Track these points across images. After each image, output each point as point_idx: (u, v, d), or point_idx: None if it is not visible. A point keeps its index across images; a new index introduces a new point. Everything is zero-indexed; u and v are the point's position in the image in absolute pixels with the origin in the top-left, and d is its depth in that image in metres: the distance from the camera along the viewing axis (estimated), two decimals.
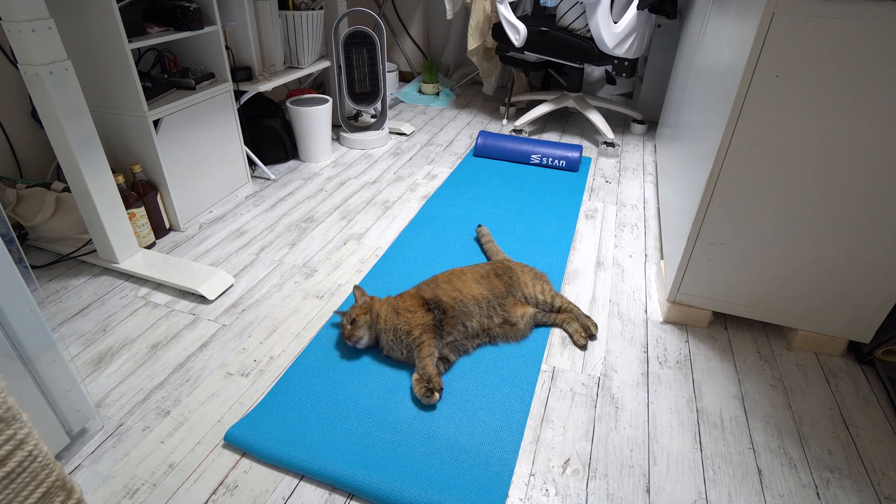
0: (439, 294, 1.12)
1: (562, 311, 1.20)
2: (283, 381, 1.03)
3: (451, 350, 1.08)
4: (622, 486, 0.87)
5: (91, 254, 1.37)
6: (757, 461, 0.91)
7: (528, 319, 1.16)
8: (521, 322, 1.14)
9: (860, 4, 0.81)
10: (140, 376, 1.05)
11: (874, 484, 0.88)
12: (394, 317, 1.07)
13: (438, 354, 1.05)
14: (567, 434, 0.95)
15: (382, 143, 2.20)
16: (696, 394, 1.04)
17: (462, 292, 1.13)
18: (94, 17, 1.26)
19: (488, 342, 1.13)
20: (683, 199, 1.25)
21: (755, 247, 1.07)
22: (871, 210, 0.95)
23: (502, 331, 1.13)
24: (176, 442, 0.92)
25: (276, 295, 1.29)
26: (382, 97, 2.15)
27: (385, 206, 1.71)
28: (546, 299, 1.20)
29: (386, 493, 0.82)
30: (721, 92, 1.07)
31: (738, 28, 1.03)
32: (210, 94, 1.56)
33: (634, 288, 1.34)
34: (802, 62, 0.88)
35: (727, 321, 1.23)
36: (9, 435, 0.55)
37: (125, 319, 1.20)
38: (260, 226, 1.59)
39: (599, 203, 1.75)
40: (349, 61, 2.04)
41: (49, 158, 1.52)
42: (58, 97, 1.10)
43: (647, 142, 2.27)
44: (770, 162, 0.97)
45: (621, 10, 1.97)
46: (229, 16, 1.69)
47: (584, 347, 1.14)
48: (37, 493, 0.59)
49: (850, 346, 1.15)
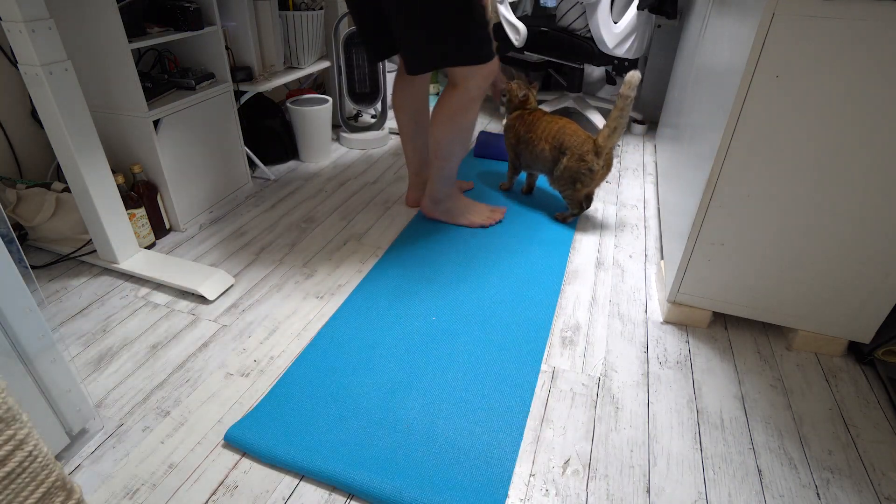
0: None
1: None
2: (283, 382, 1.03)
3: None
4: (622, 486, 0.87)
5: (91, 254, 1.37)
6: (757, 461, 0.91)
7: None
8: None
9: (860, 4, 0.81)
10: (140, 376, 1.05)
11: (874, 484, 0.88)
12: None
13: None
14: (567, 434, 0.95)
15: (382, 144, 2.20)
16: (696, 394, 1.04)
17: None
18: (94, 17, 1.26)
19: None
20: (683, 199, 1.25)
21: (755, 247, 1.07)
22: (872, 210, 0.95)
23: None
24: (176, 442, 0.92)
25: (276, 295, 1.29)
26: (382, 97, 2.15)
27: (385, 206, 1.71)
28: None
29: (386, 493, 0.82)
30: (721, 92, 1.07)
31: (738, 28, 1.03)
32: (210, 94, 1.56)
33: (634, 288, 1.34)
34: (802, 62, 0.88)
35: (727, 321, 1.23)
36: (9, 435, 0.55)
37: (125, 320, 1.20)
38: (260, 226, 1.59)
39: (599, 203, 1.75)
40: (349, 61, 2.04)
41: (49, 158, 1.52)
42: (58, 97, 1.10)
43: (647, 142, 2.27)
44: (770, 162, 0.97)
45: (621, 11, 1.97)
46: (229, 16, 1.69)
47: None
48: (37, 494, 0.59)
49: (851, 347, 1.15)
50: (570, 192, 1.53)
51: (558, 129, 1.50)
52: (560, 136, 1.49)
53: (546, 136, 1.52)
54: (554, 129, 1.51)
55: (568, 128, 1.49)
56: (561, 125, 1.51)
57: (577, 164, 1.46)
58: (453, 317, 1.20)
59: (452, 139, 1.42)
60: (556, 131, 1.50)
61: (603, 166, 1.47)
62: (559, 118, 1.53)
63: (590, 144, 1.46)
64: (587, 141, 1.46)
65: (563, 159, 1.48)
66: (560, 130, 1.50)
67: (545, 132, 1.52)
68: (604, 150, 1.44)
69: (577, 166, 1.47)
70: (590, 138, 1.47)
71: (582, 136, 1.47)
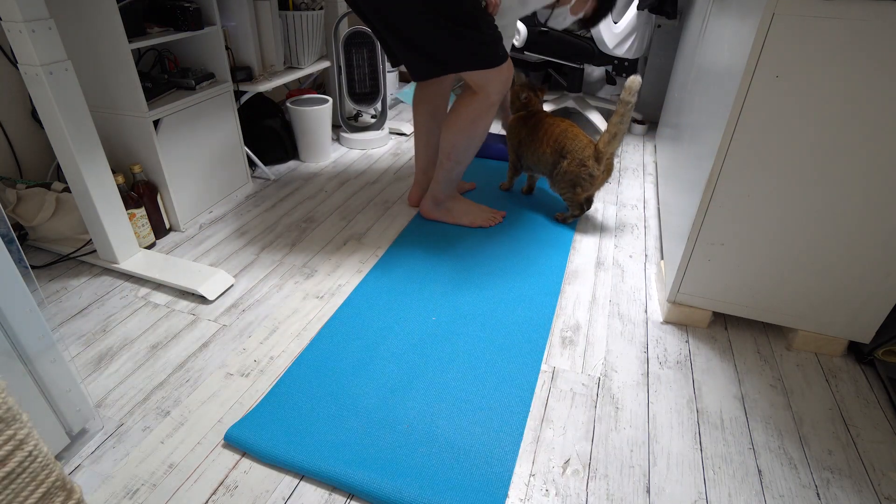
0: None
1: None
2: (283, 382, 1.03)
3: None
4: (622, 486, 0.87)
5: (91, 254, 1.37)
6: (757, 461, 0.91)
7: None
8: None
9: (860, 4, 0.81)
10: (140, 376, 1.05)
11: (874, 484, 0.88)
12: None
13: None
14: (567, 434, 0.95)
15: (382, 144, 2.20)
16: (696, 394, 1.04)
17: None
18: (94, 17, 1.26)
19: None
20: (683, 199, 1.25)
21: (755, 247, 1.07)
22: (872, 210, 0.95)
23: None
24: (176, 442, 0.92)
25: (276, 295, 1.29)
26: (382, 97, 2.15)
27: (385, 206, 1.71)
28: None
29: (386, 493, 0.82)
30: (721, 92, 1.07)
31: (738, 28, 1.03)
32: (210, 94, 1.56)
33: (634, 288, 1.34)
34: (802, 62, 0.88)
35: (727, 321, 1.23)
36: (9, 435, 0.55)
37: (125, 320, 1.20)
38: (260, 226, 1.59)
39: (599, 203, 1.75)
40: (349, 61, 2.05)
41: (49, 158, 1.52)
42: (58, 97, 1.10)
43: (647, 142, 2.27)
44: (770, 162, 0.97)
45: (621, 11, 1.97)
46: (229, 16, 1.69)
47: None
48: (37, 494, 0.59)
49: (851, 347, 1.15)
50: (570, 195, 1.53)
51: (560, 132, 1.50)
52: (562, 139, 1.49)
53: (548, 139, 1.52)
54: (556, 132, 1.51)
55: (570, 131, 1.50)
56: (563, 128, 1.51)
57: (578, 169, 1.47)
58: (453, 317, 1.20)
59: (468, 144, 1.42)
60: (558, 134, 1.50)
61: (603, 171, 1.47)
62: (562, 121, 1.54)
63: (591, 150, 1.46)
64: (588, 146, 1.47)
65: (564, 163, 1.49)
66: (562, 134, 1.50)
67: (547, 135, 1.52)
68: (604, 156, 1.45)
69: (577, 171, 1.47)
70: (591, 143, 1.47)
71: (584, 141, 1.47)
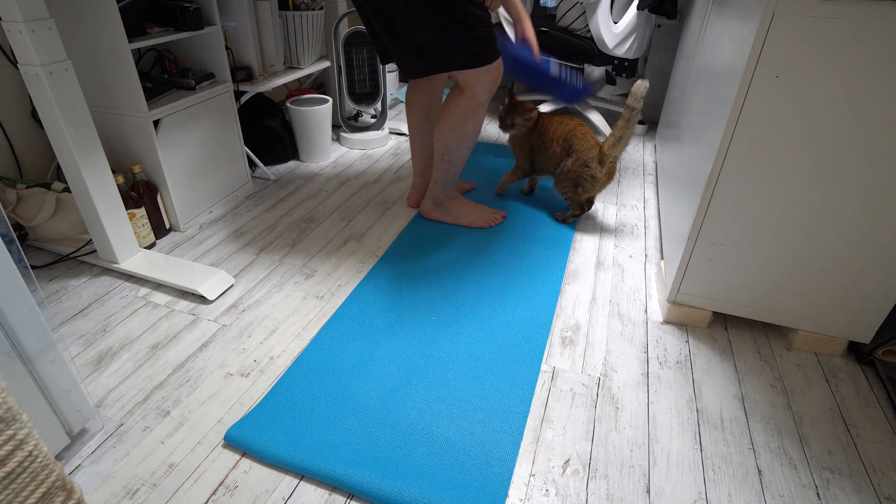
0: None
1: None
2: (283, 382, 1.03)
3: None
4: (622, 486, 0.87)
5: (91, 254, 1.37)
6: (757, 461, 0.91)
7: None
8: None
9: (860, 4, 0.81)
10: (140, 376, 1.05)
11: (874, 484, 0.88)
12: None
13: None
14: (567, 434, 0.95)
15: (382, 144, 2.20)
16: (696, 394, 1.04)
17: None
18: (95, 17, 1.26)
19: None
20: (683, 199, 1.25)
21: (755, 247, 1.07)
22: (871, 210, 0.95)
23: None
24: (176, 442, 0.92)
25: (276, 295, 1.29)
26: (382, 97, 2.15)
27: (385, 207, 1.71)
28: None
29: (386, 493, 0.82)
30: (721, 92, 1.07)
31: (738, 28, 1.03)
32: (210, 94, 1.56)
33: (634, 288, 1.34)
34: (802, 62, 0.88)
35: (727, 321, 1.23)
36: (9, 435, 0.55)
37: (125, 320, 1.20)
38: (260, 226, 1.59)
39: (599, 203, 1.75)
40: (349, 61, 2.05)
41: (49, 158, 1.52)
42: (58, 97, 1.10)
43: (647, 142, 2.27)
44: (770, 162, 0.97)
45: (621, 11, 1.97)
46: (229, 16, 1.69)
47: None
48: (37, 494, 0.59)
49: (850, 347, 1.15)
50: (571, 194, 1.53)
51: (569, 129, 1.52)
52: (570, 137, 1.51)
53: (557, 137, 1.53)
54: (565, 130, 1.52)
55: (578, 130, 1.51)
56: (572, 126, 1.52)
57: (581, 169, 1.47)
58: (453, 317, 1.20)
59: (459, 144, 1.42)
60: (567, 132, 1.52)
61: (605, 174, 1.48)
62: (571, 119, 1.55)
63: (595, 151, 1.47)
64: (594, 147, 1.47)
65: (568, 161, 1.49)
66: (571, 132, 1.51)
67: (556, 133, 1.53)
68: (608, 159, 1.46)
69: (580, 171, 1.48)
70: (597, 145, 1.48)
71: (591, 142, 1.48)
